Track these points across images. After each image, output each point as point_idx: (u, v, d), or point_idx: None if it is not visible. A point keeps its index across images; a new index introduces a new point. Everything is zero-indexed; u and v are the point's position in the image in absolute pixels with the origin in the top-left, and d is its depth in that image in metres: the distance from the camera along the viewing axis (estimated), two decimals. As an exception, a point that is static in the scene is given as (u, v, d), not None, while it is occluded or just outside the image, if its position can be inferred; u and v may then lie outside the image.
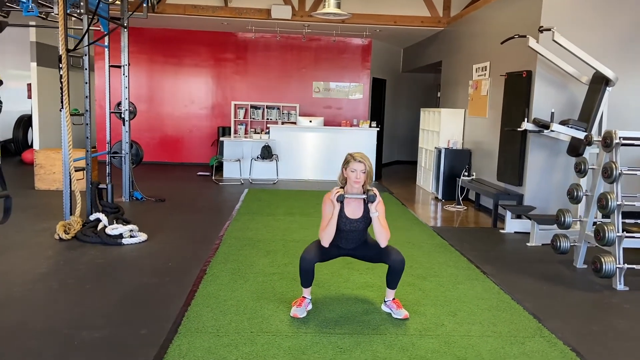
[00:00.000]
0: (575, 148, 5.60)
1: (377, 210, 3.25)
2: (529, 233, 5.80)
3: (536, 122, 5.75)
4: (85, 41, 5.44)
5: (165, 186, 8.46)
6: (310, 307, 3.46)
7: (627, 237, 4.14)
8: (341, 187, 3.34)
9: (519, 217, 6.08)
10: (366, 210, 3.32)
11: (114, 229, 5.07)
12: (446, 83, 9.37)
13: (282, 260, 4.55)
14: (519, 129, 5.91)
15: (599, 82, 5.50)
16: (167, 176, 9.76)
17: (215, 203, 7.39)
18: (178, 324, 3.19)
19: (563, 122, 5.41)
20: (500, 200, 6.24)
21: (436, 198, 8.10)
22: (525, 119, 5.82)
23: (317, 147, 9.61)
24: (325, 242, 3.31)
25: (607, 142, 4.24)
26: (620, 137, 4.19)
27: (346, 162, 3.30)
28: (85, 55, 5.61)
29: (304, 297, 3.45)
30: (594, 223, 4.59)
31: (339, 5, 7.98)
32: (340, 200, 3.24)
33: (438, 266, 4.54)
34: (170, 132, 11.49)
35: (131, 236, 5.09)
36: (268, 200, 7.43)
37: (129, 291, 3.75)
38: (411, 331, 3.20)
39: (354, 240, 3.40)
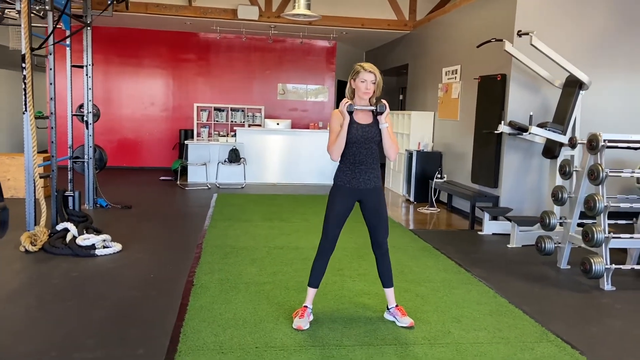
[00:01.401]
0: (551, 150, 5.71)
1: (387, 121, 3.14)
2: (507, 234, 5.88)
3: (512, 124, 5.83)
4: (51, 40, 5.10)
5: (128, 192, 8.10)
6: (311, 317, 3.33)
7: (613, 238, 4.23)
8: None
9: (495, 218, 6.15)
10: (376, 121, 3.18)
11: (86, 240, 4.77)
12: (413, 86, 9.42)
13: (271, 269, 4.39)
14: (496, 132, 5.97)
15: (573, 86, 5.63)
16: (128, 181, 9.35)
17: (185, 209, 7.12)
18: (176, 341, 2.99)
19: (541, 125, 5.49)
20: (477, 203, 6.29)
21: (407, 200, 8.12)
22: (502, 122, 5.88)
23: (285, 151, 9.45)
24: (336, 155, 3.14)
25: (593, 145, 4.32)
26: (605, 140, 4.28)
27: (355, 73, 3.15)
28: (51, 54, 5.25)
29: (305, 306, 3.31)
30: (578, 224, 4.68)
31: (309, 7, 7.89)
32: (350, 110, 3.09)
33: (429, 270, 4.49)
34: (129, 135, 11.04)
35: (104, 246, 4.79)
36: (241, 205, 7.22)
37: (115, 306, 3.50)
38: (420, 340, 3.12)
39: (368, 158, 3.15)
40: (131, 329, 3.17)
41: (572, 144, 4.64)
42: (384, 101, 3.14)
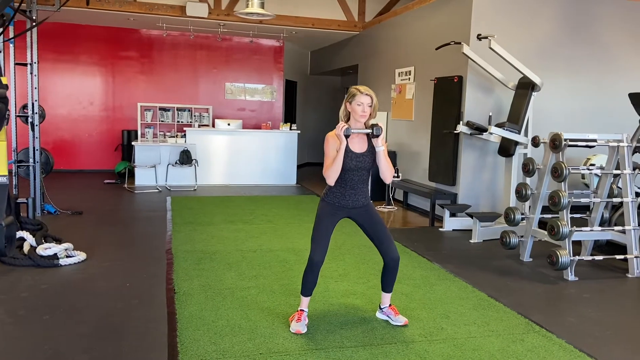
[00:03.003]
0: (506, 149, 5.98)
1: (382, 144, 3.17)
2: (466, 230, 6.11)
3: (470, 125, 6.06)
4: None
5: (73, 197, 7.68)
6: (307, 320, 3.31)
7: (576, 231, 4.50)
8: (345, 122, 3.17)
9: (454, 215, 6.37)
10: (370, 146, 3.20)
11: (47, 249, 4.49)
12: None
13: (250, 273, 4.32)
14: (455, 132, 6.19)
15: (525, 88, 5.93)
16: (70, 185, 8.87)
17: (140, 213, 6.85)
18: (175, 352, 2.89)
19: (499, 125, 5.75)
20: (437, 200, 6.49)
21: (363, 199, 8.22)
22: (461, 122, 6.10)
23: (237, 151, 9.31)
24: (332, 180, 3.14)
25: (556, 144, 4.57)
26: (566, 139, 4.55)
27: (352, 96, 3.15)
28: (1, 52, 4.89)
29: (301, 310, 3.29)
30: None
31: (262, 5, 7.81)
32: (347, 134, 3.08)
33: (405, 268, 4.58)
34: (67, 136, 10.47)
35: (67, 256, 4.53)
36: (199, 208, 7.05)
37: (98, 319, 3.32)
38: (418, 337, 3.19)
39: (358, 185, 3.20)
40: (123, 342, 3.02)
41: (536, 143, 4.89)
42: (379, 124, 3.17)
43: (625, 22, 6.81)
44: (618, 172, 4.72)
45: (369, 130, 3.15)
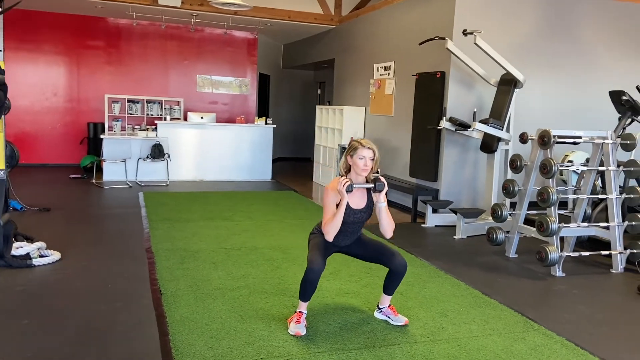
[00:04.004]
0: (489, 145, 5.99)
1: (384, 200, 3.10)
2: (448, 226, 6.10)
3: (453, 121, 6.05)
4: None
5: (39, 192, 7.32)
6: (306, 322, 3.19)
7: (564, 227, 4.53)
8: (343, 176, 3.08)
9: (435, 211, 6.35)
10: (369, 200, 3.14)
11: (19, 248, 4.22)
12: (340, 81, 9.45)
13: (237, 272, 4.16)
14: (438, 127, 6.15)
15: (508, 84, 5.95)
16: (34, 180, 8.45)
17: (112, 210, 6.56)
18: (170, 358, 2.72)
19: (483, 121, 5.74)
20: (419, 196, 6.45)
21: (341, 195, 8.13)
22: (444, 118, 6.07)
23: (211, 146, 9.07)
24: (330, 237, 3.07)
25: (545, 140, 4.58)
26: (554, 136, 4.55)
27: (353, 149, 3.07)
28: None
29: (300, 312, 3.16)
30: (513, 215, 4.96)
31: (240, -4, 7.61)
32: (350, 190, 2.99)
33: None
34: (28, 128, 9.98)
35: (40, 255, 4.27)
36: (174, 204, 6.81)
37: (82, 323, 3.11)
38: (420, 338, 3.11)
39: (352, 233, 3.21)
40: (112, 347, 2.83)
41: (524, 139, 4.88)
42: (382, 179, 3.08)
43: (603, 20, 6.91)
44: (603, 168, 4.76)
45: (372, 185, 3.07)
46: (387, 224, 3.13)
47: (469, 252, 5.15)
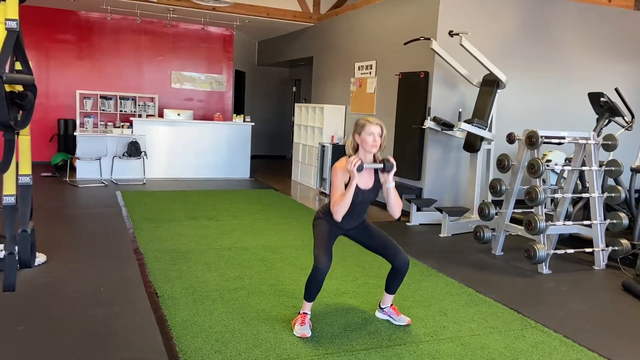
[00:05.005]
0: (472, 144, 6.09)
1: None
2: (432, 224, 6.18)
3: (437, 120, 6.12)
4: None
5: (11, 191, 7.04)
6: (311, 323, 3.17)
7: (551, 225, 4.64)
8: (352, 156, 3.03)
9: (419, 209, 6.42)
10: (377, 181, 3.13)
11: (2, 251, 4.05)
12: (319, 79, 9.44)
13: (232, 273, 4.11)
14: (423, 127, 6.22)
15: (491, 85, 6.05)
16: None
17: (91, 209, 6.38)
18: (179, 363, 2.67)
19: (468, 121, 5.82)
20: (403, 195, 6.50)
21: (322, 193, 8.14)
22: (428, 118, 6.14)
23: (188, 143, 8.92)
24: (339, 216, 3.04)
25: (533, 141, 4.68)
26: (542, 136, 4.66)
27: (361, 127, 3.04)
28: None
29: (305, 313, 3.14)
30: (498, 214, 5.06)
31: (220, -8, 7.50)
32: (360, 170, 2.96)
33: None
34: (-5, 125, 9.58)
35: (25, 258, 4.11)
36: (154, 203, 6.67)
37: (81, 328, 3.02)
38: (424, 337, 3.14)
39: (359, 215, 3.18)
40: (117, 352, 2.75)
41: (511, 139, 4.98)
42: (391, 159, 3.08)
43: (582, 24, 7.09)
44: (587, 168, 4.90)
45: (381, 165, 3.07)
46: (395, 204, 3.14)
47: (457, 250, 5.23)
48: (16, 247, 2.64)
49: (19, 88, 1.74)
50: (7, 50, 1.61)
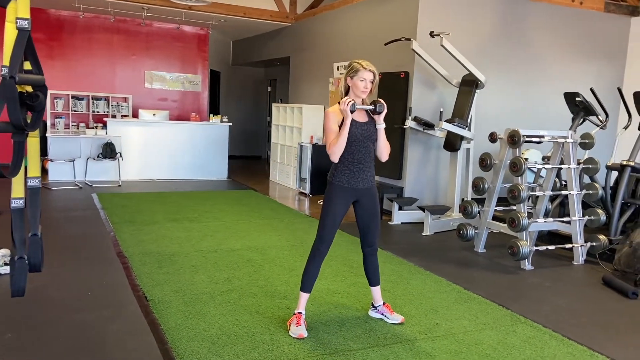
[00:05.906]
0: (452, 143, 6.17)
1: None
2: (414, 223, 6.24)
3: (417, 120, 6.19)
4: None
5: (-18, 194, 6.82)
6: (306, 323, 3.16)
7: (532, 222, 4.74)
8: (345, 97, 3.06)
9: (401, 208, 6.47)
10: (372, 120, 3.13)
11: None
12: (297, 79, 9.42)
13: (221, 275, 4.07)
14: (404, 127, 6.27)
15: (470, 85, 6.15)
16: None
17: (68, 212, 6.22)
18: (177, 368, 2.62)
19: (448, 121, 5.90)
20: (385, 194, 6.55)
21: (302, 193, 8.13)
22: (409, 117, 6.20)
23: (164, 144, 8.79)
24: (336, 156, 3.02)
25: (515, 140, 4.77)
26: (523, 135, 4.76)
27: (354, 71, 3.03)
28: None
29: (300, 313, 3.14)
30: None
31: (197, -9, 7.42)
32: (353, 110, 2.97)
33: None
34: (-39, 126, 9.25)
35: (6, 263, 3.99)
36: (133, 206, 6.55)
37: (71, 335, 2.94)
38: (418, 335, 3.17)
39: (365, 158, 3.10)
40: (110, 357, 2.69)
41: (493, 139, 5.06)
42: (381, 101, 3.10)
43: (554, 25, 7.26)
44: (566, 166, 5.02)
45: (372, 107, 3.08)
46: (384, 146, 3.16)
47: (440, 248, 5.29)
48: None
49: (28, 89, 1.68)
50: (19, 50, 1.55)
